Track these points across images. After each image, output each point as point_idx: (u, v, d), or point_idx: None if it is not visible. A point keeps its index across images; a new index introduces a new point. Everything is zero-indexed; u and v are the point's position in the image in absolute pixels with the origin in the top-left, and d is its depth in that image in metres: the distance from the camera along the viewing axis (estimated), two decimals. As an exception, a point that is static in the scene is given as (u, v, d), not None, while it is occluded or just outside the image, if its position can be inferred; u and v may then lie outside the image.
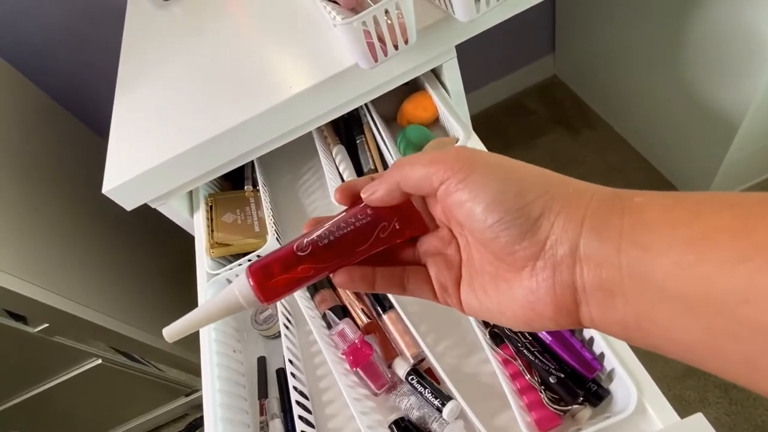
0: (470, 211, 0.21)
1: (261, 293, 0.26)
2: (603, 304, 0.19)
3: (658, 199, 0.19)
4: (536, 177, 0.22)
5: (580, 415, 0.45)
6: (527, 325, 0.22)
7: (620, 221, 0.19)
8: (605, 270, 0.19)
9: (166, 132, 0.65)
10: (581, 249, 0.20)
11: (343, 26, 0.50)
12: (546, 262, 0.20)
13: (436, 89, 0.72)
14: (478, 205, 0.21)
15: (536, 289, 0.21)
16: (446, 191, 0.22)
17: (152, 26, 0.86)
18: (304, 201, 0.78)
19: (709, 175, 1.21)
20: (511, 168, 0.22)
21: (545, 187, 0.21)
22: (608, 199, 0.20)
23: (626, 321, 0.19)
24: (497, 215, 0.21)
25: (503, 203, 0.21)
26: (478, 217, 0.21)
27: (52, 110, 1.15)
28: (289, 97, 0.60)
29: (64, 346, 1.00)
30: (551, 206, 0.20)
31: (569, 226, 0.20)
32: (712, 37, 0.99)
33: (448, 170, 0.22)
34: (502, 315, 0.23)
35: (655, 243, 0.18)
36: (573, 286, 0.20)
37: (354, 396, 0.51)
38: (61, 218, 1.00)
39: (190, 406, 1.45)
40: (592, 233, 0.19)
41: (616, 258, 0.19)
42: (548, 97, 1.73)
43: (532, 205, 0.20)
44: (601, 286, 0.19)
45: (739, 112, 1.01)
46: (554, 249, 0.20)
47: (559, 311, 0.21)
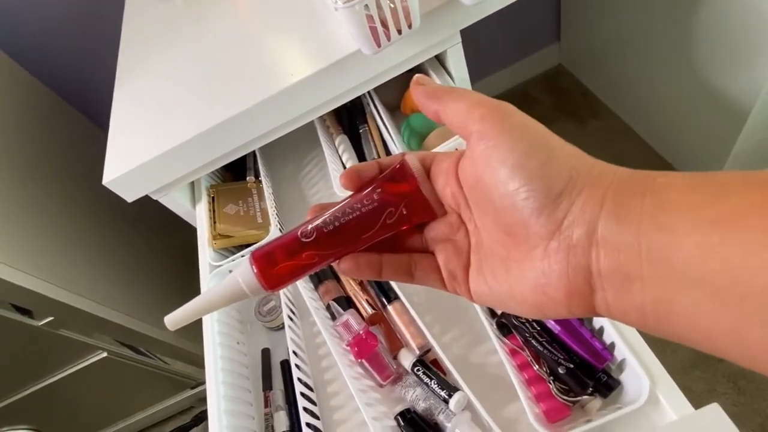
0: (496, 170, 0.21)
1: (265, 280, 0.25)
2: (619, 290, 0.18)
3: (681, 179, 0.18)
4: (566, 151, 0.21)
5: (590, 405, 0.45)
6: (539, 310, 0.21)
7: (641, 203, 0.18)
8: (623, 253, 0.18)
9: (167, 122, 0.64)
10: (599, 231, 0.18)
11: (345, 10, 0.49)
12: (560, 244, 0.19)
13: (441, 76, 0.70)
14: (504, 167, 0.20)
15: (548, 272, 0.20)
16: (477, 144, 0.21)
17: (152, 15, 0.85)
18: (307, 192, 0.77)
19: (717, 163, 1.19)
20: (544, 136, 0.21)
21: (572, 162, 0.20)
22: (630, 180, 0.19)
23: (644, 308, 0.18)
24: (519, 181, 0.20)
25: (527, 168, 0.20)
26: (501, 179, 0.20)
27: (51, 102, 1.14)
28: (291, 85, 0.59)
29: (69, 339, 1.00)
30: (575, 183, 0.19)
31: (588, 207, 0.19)
32: (721, 24, 0.96)
33: (485, 119, 0.21)
34: (512, 300, 0.22)
35: (677, 224, 0.17)
36: (588, 269, 0.19)
37: (359, 387, 0.51)
38: (64, 211, 1.00)
39: (196, 399, 1.45)
40: (611, 216, 0.18)
41: (635, 241, 0.17)
42: (554, 87, 1.71)
43: (556, 178, 0.20)
44: (618, 270, 0.18)
45: (748, 100, 0.99)
46: (570, 230, 0.19)
47: (572, 296, 0.20)
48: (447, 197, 0.25)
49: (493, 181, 0.21)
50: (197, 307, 0.26)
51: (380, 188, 0.25)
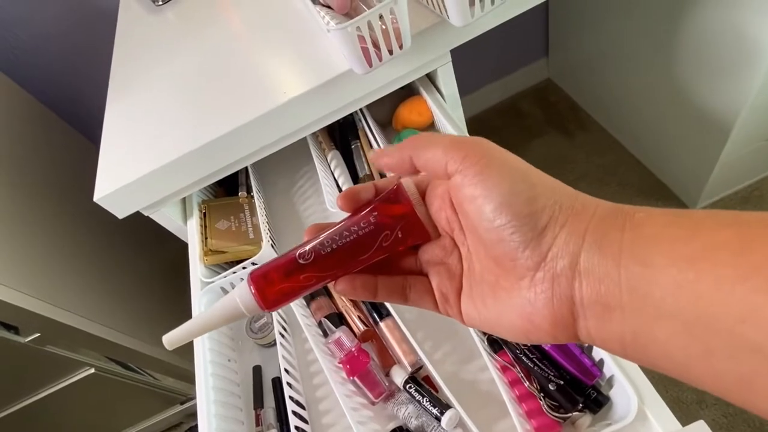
0: (480, 208, 0.21)
1: (262, 300, 0.25)
2: (601, 319, 0.19)
3: (659, 215, 0.19)
4: (547, 185, 0.22)
5: (580, 422, 0.45)
6: (525, 336, 0.22)
7: (621, 236, 0.19)
8: (604, 284, 0.19)
9: (159, 139, 0.64)
10: (581, 263, 0.19)
11: (337, 31, 0.50)
12: (545, 274, 0.20)
13: (431, 93, 0.72)
14: (489, 203, 0.21)
15: (534, 301, 0.21)
16: (461, 182, 0.22)
17: (145, 31, 0.85)
18: (299, 207, 0.78)
19: (702, 177, 1.21)
20: (525, 171, 0.22)
21: (555, 196, 0.21)
22: (610, 214, 0.20)
23: (623, 337, 0.19)
24: (505, 218, 0.21)
25: (513, 206, 0.21)
26: (487, 216, 0.21)
27: (43, 116, 1.14)
28: (283, 102, 0.60)
29: (56, 355, 0.98)
30: (558, 217, 0.20)
31: (571, 239, 0.20)
32: (704, 39, 0.99)
33: (466, 159, 0.22)
34: (500, 326, 0.23)
35: (654, 259, 0.18)
36: (571, 299, 0.20)
37: (351, 405, 0.51)
38: (52, 226, 0.99)
39: (185, 414, 1.43)
40: (593, 247, 0.19)
41: (615, 273, 0.18)
42: (542, 100, 1.74)
43: (540, 214, 0.20)
44: (599, 300, 0.19)
45: (731, 114, 1.02)
46: (555, 261, 0.20)
47: (557, 324, 0.21)
48: (441, 221, 0.26)
49: (479, 218, 0.22)
50: (195, 327, 0.27)
51: (376, 211, 0.26)
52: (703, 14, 0.97)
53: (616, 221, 0.19)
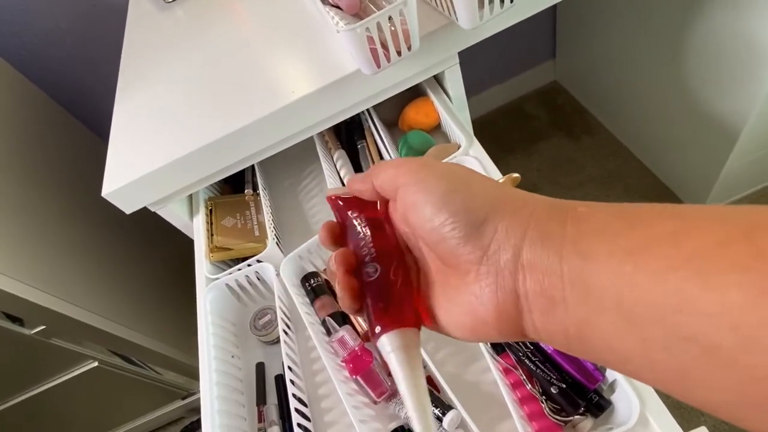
0: (421, 211, 0.22)
1: (406, 322, 0.24)
2: (545, 312, 0.19)
3: (601, 209, 0.19)
4: (487, 185, 0.23)
5: (581, 425, 0.45)
6: (472, 332, 0.22)
7: (563, 230, 0.19)
8: (547, 277, 0.19)
9: (167, 135, 0.65)
10: (524, 256, 0.20)
11: (347, 32, 0.50)
12: (489, 268, 0.21)
13: (438, 95, 0.72)
14: (427, 205, 0.22)
15: (480, 294, 0.21)
16: (404, 192, 0.23)
17: (154, 28, 0.86)
18: (305, 205, 0.78)
19: (708, 182, 1.21)
20: (463, 175, 0.23)
21: (493, 194, 0.22)
22: (552, 208, 0.20)
23: (567, 329, 0.19)
24: (444, 216, 0.21)
25: (450, 204, 0.21)
26: (427, 216, 0.22)
27: (52, 111, 1.14)
28: (291, 102, 0.60)
29: (60, 348, 0.99)
30: (496, 212, 0.21)
31: (512, 233, 0.20)
32: (713, 45, 0.99)
33: (408, 173, 0.23)
34: (450, 325, 0.23)
35: (595, 251, 0.18)
36: (515, 292, 0.20)
37: (353, 404, 0.51)
38: (59, 220, 1.00)
39: (187, 409, 1.44)
40: (535, 241, 0.20)
41: (557, 266, 0.19)
42: (548, 103, 1.73)
43: (477, 210, 0.21)
44: (543, 293, 0.19)
45: (739, 120, 1.01)
46: (497, 255, 0.21)
47: (501, 318, 0.21)
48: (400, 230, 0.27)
49: (420, 221, 0.22)
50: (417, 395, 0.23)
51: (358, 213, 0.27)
52: (712, 20, 0.96)
53: (559, 215, 0.20)
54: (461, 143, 0.64)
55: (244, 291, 0.66)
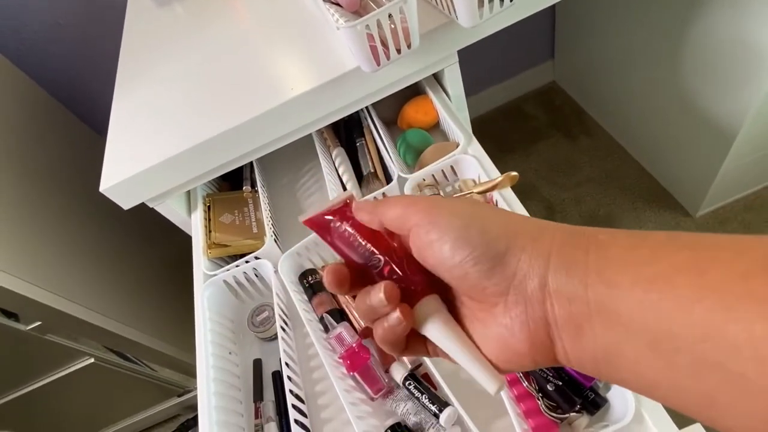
0: (439, 250, 0.22)
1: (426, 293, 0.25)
2: (574, 339, 0.20)
3: (621, 237, 0.20)
4: (500, 215, 0.23)
5: (577, 423, 0.45)
6: (506, 363, 0.23)
7: (585, 257, 0.20)
8: (574, 305, 0.20)
9: (165, 131, 0.65)
10: (550, 283, 0.20)
11: (346, 29, 0.50)
12: (518, 297, 0.21)
13: (437, 93, 0.72)
14: (445, 243, 0.22)
15: (510, 326, 0.21)
16: (417, 233, 0.23)
17: (153, 24, 0.85)
18: (303, 202, 0.78)
19: (704, 184, 1.22)
20: (475, 210, 0.23)
21: (506, 223, 0.22)
22: (572, 235, 0.21)
23: (596, 355, 0.20)
24: (464, 251, 0.21)
25: (468, 239, 0.22)
26: (447, 254, 0.22)
27: (50, 107, 1.14)
28: (290, 98, 0.60)
29: (56, 344, 0.99)
30: (515, 242, 0.21)
31: (536, 261, 0.21)
32: (711, 46, 0.99)
33: (419, 212, 0.23)
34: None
35: (619, 280, 0.19)
36: (546, 320, 0.20)
37: (350, 400, 0.51)
38: (56, 215, 1.00)
39: (183, 407, 1.43)
40: (559, 269, 0.20)
41: (584, 293, 0.19)
42: (547, 103, 1.74)
43: (496, 242, 0.21)
44: (571, 320, 0.20)
45: (736, 121, 1.02)
46: (524, 284, 0.21)
47: (535, 347, 0.21)
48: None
49: (440, 260, 0.23)
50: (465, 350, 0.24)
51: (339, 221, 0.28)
52: (709, 23, 0.97)
53: (580, 243, 0.20)
54: (460, 142, 0.64)
55: (242, 288, 0.66)
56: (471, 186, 0.60)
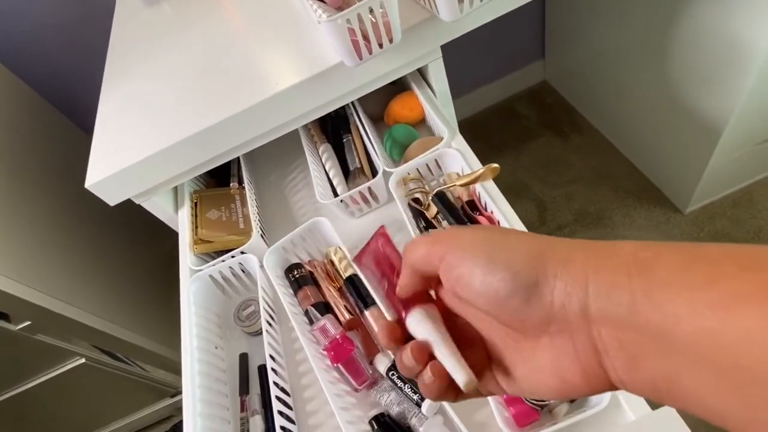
0: (469, 285, 0.22)
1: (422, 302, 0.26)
2: (629, 368, 0.19)
3: (666, 255, 0.18)
4: (520, 242, 0.22)
5: (557, 410, 0.46)
6: (562, 395, 0.22)
7: (629, 281, 0.18)
8: (624, 332, 0.18)
9: (151, 127, 0.65)
10: (592, 311, 0.19)
11: (328, 23, 0.50)
12: (561, 327, 0.20)
13: (422, 89, 0.72)
14: (474, 278, 0.22)
15: (559, 357, 0.21)
16: (447, 268, 0.23)
17: (140, 23, 0.86)
18: (290, 198, 0.78)
19: (693, 180, 1.23)
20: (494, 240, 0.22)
21: (531, 250, 0.21)
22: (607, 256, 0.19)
23: (656, 384, 0.18)
24: (494, 286, 0.21)
25: (495, 274, 0.21)
26: (478, 289, 0.22)
27: (37, 106, 1.14)
28: (275, 93, 0.61)
29: (46, 344, 0.98)
30: (545, 270, 0.20)
31: (573, 288, 0.20)
32: (697, 44, 1.01)
33: (442, 250, 0.23)
34: (534, 389, 0.23)
35: (675, 307, 0.17)
36: (595, 349, 0.19)
37: (335, 392, 0.51)
38: (45, 214, 1.00)
39: (176, 408, 1.43)
40: (600, 294, 0.19)
41: (634, 319, 0.18)
42: (538, 102, 1.75)
43: (525, 273, 0.21)
44: (622, 348, 0.19)
45: (722, 118, 1.03)
46: (564, 312, 0.20)
47: (587, 376, 0.20)
48: (455, 309, 0.26)
49: (474, 293, 0.22)
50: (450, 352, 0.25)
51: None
52: (695, 20, 0.98)
53: (618, 265, 0.19)
54: (444, 136, 0.65)
55: (228, 282, 0.67)
56: (455, 179, 0.60)
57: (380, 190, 0.67)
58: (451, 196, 0.61)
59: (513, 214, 0.55)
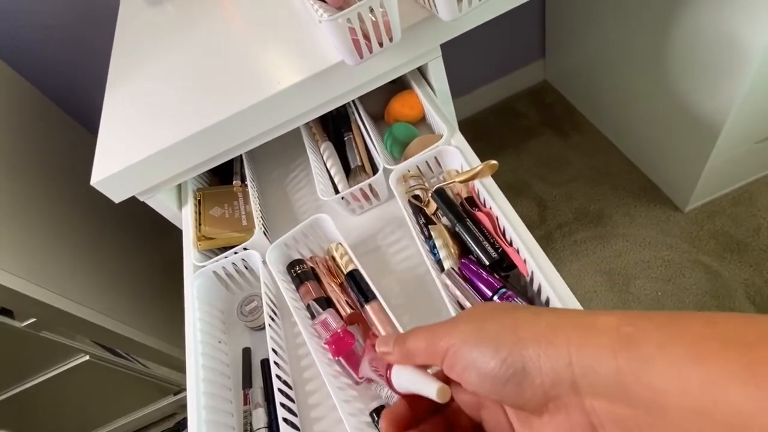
0: (470, 383, 0.23)
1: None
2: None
3: (651, 330, 0.19)
4: (505, 325, 0.23)
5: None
6: None
7: (614, 359, 0.19)
8: (617, 407, 0.19)
9: (156, 125, 0.66)
10: (581, 387, 0.20)
11: (328, 23, 0.51)
12: (557, 404, 0.21)
13: (423, 88, 0.73)
14: (471, 376, 0.23)
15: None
16: (450, 366, 0.24)
17: (144, 23, 0.87)
18: (292, 196, 0.79)
19: (692, 179, 1.23)
20: (483, 329, 0.23)
21: (514, 333, 0.22)
22: (588, 333, 0.20)
23: None
24: (489, 379, 0.22)
25: (486, 366, 0.22)
26: (476, 381, 0.23)
27: (42, 105, 1.15)
28: (277, 92, 0.62)
29: (51, 341, 1.00)
30: (528, 354, 0.21)
31: (558, 368, 0.20)
32: (696, 43, 1.01)
33: (443, 348, 0.24)
34: None
35: (665, 385, 0.17)
36: (591, 425, 0.20)
37: (336, 385, 0.52)
38: (50, 213, 1.01)
39: (179, 405, 1.44)
40: (586, 373, 0.19)
41: (625, 395, 0.18)
42: (538, 101, 1.76)
43: (509, 360, 0.21)
44: (618, 423, 0.19)
45: (720, 117, 1.04)
46: (556, 390, 0.20)
47: None
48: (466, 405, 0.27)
49: (475, 389, 0.23)
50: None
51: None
52: (694, 19, 0.98)
53: (602, 343, 0.19)
54: (443, 134, 0.66)
55: (231, 278, 0.68)
56: (454, 176, 0.61)
57: (381, 187, 0.68)
58: (450, 193, 0.62)
59: (511, 210, 0.56)
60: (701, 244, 1.29)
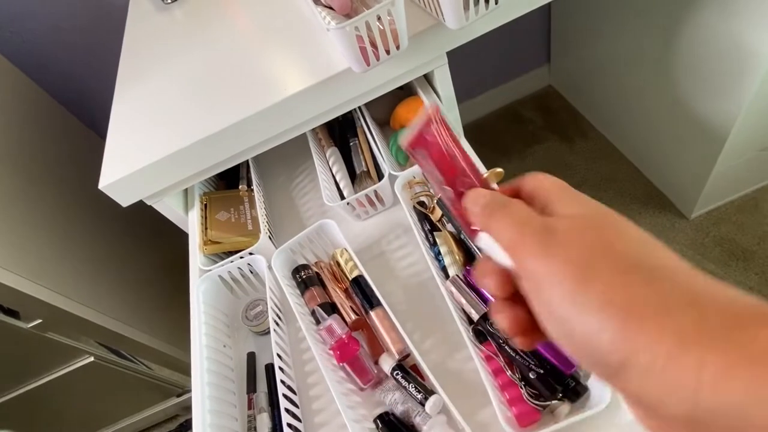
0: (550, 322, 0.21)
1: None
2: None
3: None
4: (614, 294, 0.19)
5: (559, 410, 0.47)
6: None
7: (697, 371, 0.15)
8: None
9: (163, 130, 0.67)
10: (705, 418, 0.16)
11: (337, 30, 0.52)
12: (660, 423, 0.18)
13: (428, 94, 0.74)
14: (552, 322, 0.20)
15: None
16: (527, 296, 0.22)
17: (153, 27, 0.88)
18: (298, 201, 0.80)
19: (698, 186, 1.23)
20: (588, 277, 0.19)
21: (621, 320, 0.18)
22: (737, 362, 0.15)
23: None
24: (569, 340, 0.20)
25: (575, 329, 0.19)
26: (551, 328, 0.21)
27: (51, 109, 1.17)
28: (284, 98, 0.62)
29: (57, 342, 1.00)
30: (638, 362, 0.17)
31: (667, 395, 0.16)
32: (702, 49, 1.01)
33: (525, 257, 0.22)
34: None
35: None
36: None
37: (341, 391, 0.52)
38: (57, 214, 1.02)
39: (182, 407, 1.45)
40: (716, 419, 0.15)
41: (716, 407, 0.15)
42: (543, 107, 1.76)
43: (610, 347, 0.18)
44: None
45: (727, 123, 1.03)
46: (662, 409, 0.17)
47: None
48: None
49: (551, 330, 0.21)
50: None
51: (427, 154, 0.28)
52: (700, 26, 0.98)
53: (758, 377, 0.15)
54: (449, 140, 0.66)
55: (237, 283, 0.68)
56: (459, 183, 0.61)
57: (386, 193, 0.68)
58: (455, 200, 0.62)
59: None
60: (706, 251, 1.29)
